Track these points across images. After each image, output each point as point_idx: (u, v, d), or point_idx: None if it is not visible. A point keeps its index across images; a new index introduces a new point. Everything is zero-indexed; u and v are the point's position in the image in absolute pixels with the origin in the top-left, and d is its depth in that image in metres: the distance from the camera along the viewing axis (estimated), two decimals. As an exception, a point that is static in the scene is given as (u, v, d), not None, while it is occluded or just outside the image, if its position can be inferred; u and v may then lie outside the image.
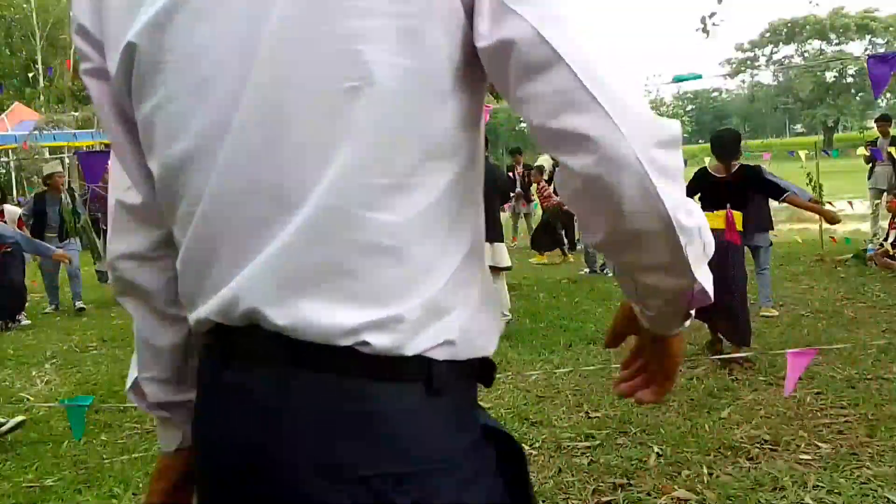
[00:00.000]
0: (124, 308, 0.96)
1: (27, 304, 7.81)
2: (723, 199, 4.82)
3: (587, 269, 8.70)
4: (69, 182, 10.21)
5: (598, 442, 3.40)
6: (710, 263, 0.76)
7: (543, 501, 2.85)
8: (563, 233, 10.23)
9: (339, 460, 0.70)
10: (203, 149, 0.75)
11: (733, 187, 4.85)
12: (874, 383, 4.01)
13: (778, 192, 5.02)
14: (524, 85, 0.68)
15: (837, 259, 8.29)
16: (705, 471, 3.01)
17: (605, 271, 8.35)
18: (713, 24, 8.58)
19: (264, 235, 0.72)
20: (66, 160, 13.50)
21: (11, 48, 25.86)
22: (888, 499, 2.69)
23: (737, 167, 4.94)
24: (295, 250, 0.71)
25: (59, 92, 22.44)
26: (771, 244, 6.33)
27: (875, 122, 10.02)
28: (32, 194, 9.33)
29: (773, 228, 6.67)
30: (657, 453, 3.21)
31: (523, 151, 12.62)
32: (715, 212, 4.75)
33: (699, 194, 5.00)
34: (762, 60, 60.88)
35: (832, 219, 5.28)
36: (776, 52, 60.97)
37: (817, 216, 6.50)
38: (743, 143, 5.56)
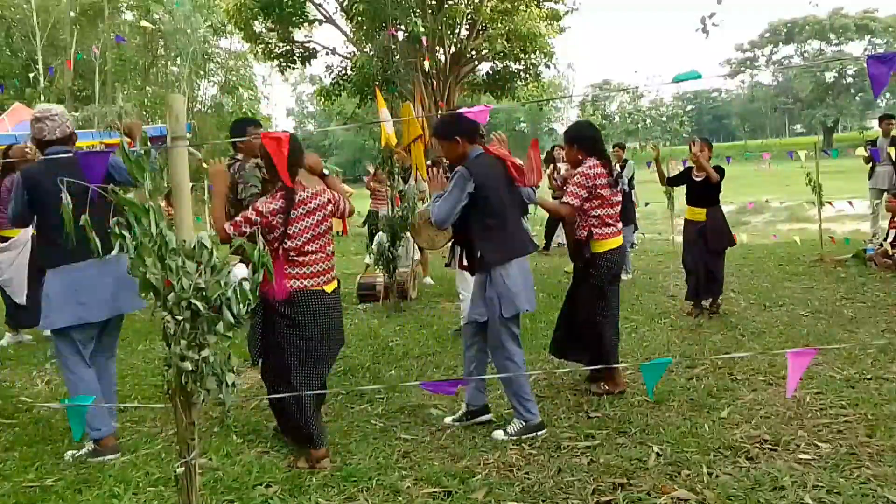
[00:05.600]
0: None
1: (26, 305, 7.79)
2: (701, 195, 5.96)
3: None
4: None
5: (598, 442, 3.40)
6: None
7: (543, 501, 2.85)
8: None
9: None
10: None
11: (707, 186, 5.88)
12: (874, 383, 4.01)
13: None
14: None
15: (837, 259, 8.29)
16: (705, 471, 3.01)
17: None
18: (713, 24, 8.57)
19: None
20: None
21: (11, 48, 25.84)
22: (888, 498, 2.69)
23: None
24: None
25: (59, 92, 22.43)
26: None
27: (879, 119, 10.00)
28: None
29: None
30: (657, 453, 3.22)
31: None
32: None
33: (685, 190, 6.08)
34: (762, 61, 60.82)
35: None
36: (776, 53, 60.95)
37: (816, 216, 6.48)
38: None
